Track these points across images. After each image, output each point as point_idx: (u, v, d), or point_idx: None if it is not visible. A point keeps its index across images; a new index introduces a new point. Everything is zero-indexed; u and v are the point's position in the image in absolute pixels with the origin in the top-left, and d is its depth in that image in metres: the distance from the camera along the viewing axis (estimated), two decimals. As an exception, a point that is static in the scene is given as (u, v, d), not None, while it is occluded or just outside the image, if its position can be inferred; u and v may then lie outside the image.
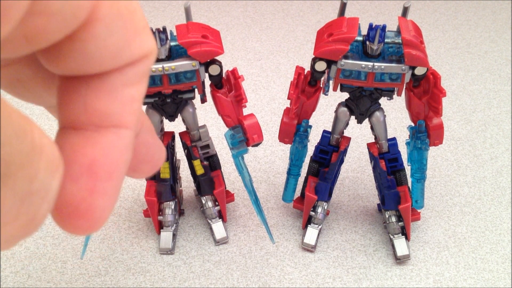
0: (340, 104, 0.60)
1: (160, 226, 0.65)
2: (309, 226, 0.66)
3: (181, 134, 0.62)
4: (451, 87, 0.93)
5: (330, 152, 0.63)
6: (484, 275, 0.63)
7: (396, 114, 0.85)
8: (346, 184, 0.75)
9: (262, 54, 1.00)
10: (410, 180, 0.63)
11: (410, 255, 0.64)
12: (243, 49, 1.02)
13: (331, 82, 0.56)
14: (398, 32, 0.53)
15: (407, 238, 0.64)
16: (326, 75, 0.56)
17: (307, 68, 0.57)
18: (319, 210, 0.65)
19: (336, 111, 0.60)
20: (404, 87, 0.56)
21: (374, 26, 0.51)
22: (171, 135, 0.62)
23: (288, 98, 0.58)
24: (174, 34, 0.53)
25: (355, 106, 0.58)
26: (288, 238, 0.67)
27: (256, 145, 0.57)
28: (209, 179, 0.64)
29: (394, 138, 0.62)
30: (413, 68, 0.53)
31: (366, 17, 1.11)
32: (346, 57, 0.53)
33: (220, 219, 0.66)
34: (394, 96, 0.57)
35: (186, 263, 0.64)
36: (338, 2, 0.54)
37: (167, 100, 0.56)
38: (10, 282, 0.61)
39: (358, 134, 0.80)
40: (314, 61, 0.54)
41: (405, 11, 0.54)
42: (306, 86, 0.59)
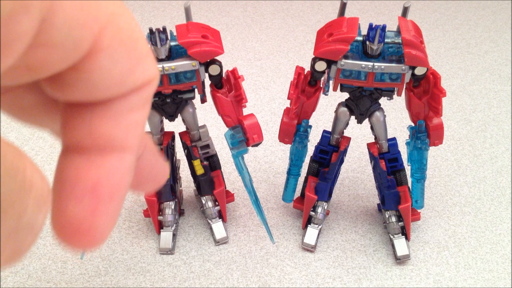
0: (340, 104, 0.60)
1: (160, 226, 0.65)
2: (309, 226, 0.66)
3: (181, 134, 0.62)
4: (451, 87, 0.93)
5: (330, 152, 0.63)
6: (484, 275, 0.63)
7: (396, 114, 0.85)
8: (346, 184, 0.75)
9: (262, 54, 1.00)
10: (410, 180, 0.63)
11: (410, 255, 0.64)
12: (243, 49, 1.02)
13: (331, 82, 0.56)
14: (398, 32, 0.53)
15: (407, 238, 0.64)
16: (326, 75, 0.56)
17: (307, 68, 0.57)
18: (319, 210, 0.65)
19: (336, 111, 0.60)
20: (404, 87, 0.55)
21: (374, 26, 0.51)
22: (171, 135, 0.62)
23: (288, 98, 0.58)
24: (174, 34, 0.53)
25: (355, 106, 0.58)
26: (288, 238, 0.67)
27: (256, 145, 0.57)
28: (209, 179, 0.64)
29: (394, 138, 0.62)
30: (413, 68, 0.53)
31: (366, 17, 1.11)
32: (346, 57, 0.53)
33: (220, 219, 0.66)
34: (394, 96, 0.57)
35: (186, 263, 0.64)
36: (338, 2, 0.54)
37: (167, 100, 0.56)
38: (10, 282, 0.61)
39: (358, 134, 0.79)
40: (314, 61, 0.54)
41: (405, 11, 0.54)
42: (306, 86, 0.59)
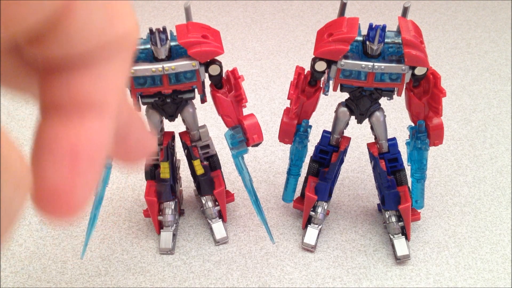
0: (340, 104, 0.60)
1: (160, 226, 0.65)
2: (309, 226, 0.66)
3: (181, 134, 0.62)
4: (451, 87, 0.93)
5: (330, 152, 0.63)
6: (484, 275, 0.63)
7: (396, 114, 0.85)
8: (346, 184, 0.75)
9: (262, 54, 1.00)
10: (410, 180, 0.63)
11: (410, 255, 0.64)
12: (243, 49, 1.02)
13: (331, 82, 0.56)
14: (398, 32, 0.53)
15: (407, 238, 0.64)
16: (326, 75, 0.56)
17: (307, 68, 0.57)
18: (319, 210, 0.65)
19: (336, 111, 0.60)
20: (404, 87, 0.55)
21: (374, 26, 0.51)
22: (171, 135, 0.62)
23: (288, 98, 0.58)
24: (174, 34, 0.53)
25: (355, 106, 0.58)
26: (288, 238, 0.67)
27: (256, 145, 0.57)
28: (209, 179, 0.64)
29: (394, 138, 0.62)
30: (413, 68, 0.53)
31: (366, 17, 1.11)
32: (346, 57, 0.53)
33: (220, 219, 0.66)
34: (394, 96, 0.57)
35: (186, 263, 0.64)
36: (338, 2, 0.54)
37: (167, 100, 0.56)
38: (10, 282, 0.61)
39: (358, 134, 0.79)
40: (314, 61, 0.54)
41: (405, 11, 0.54)
42: (306, 86, 0.59)
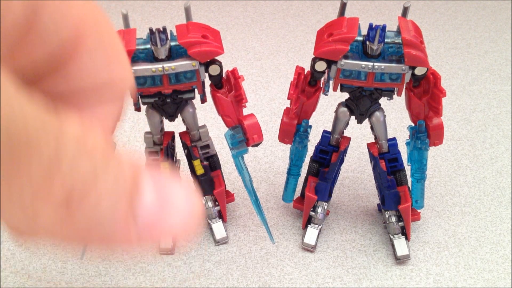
0: (340, 104, 0.60)
1: (160, 226, 0.65)
2: (309, 226, 0.66)
3: (181, 134, 0.62)
4: (451, 87, 0.93)
5: (330, 152, 0.63)
6: (484, 275, 0.63)
7: (396, 114, 0.85)
8: (346, 184, 0.75)
9: (262, 54, 1.00)
10: (410, 180, 0.63)
11: (410, 255, 0.64)
12: (243, 49, 1.02)
13: (331, 82, 0.56)
14: (398, 32, 0.53)
15: (407, 238, 0.64)
16: (326, 75, 0.56)
17: (307, 68, 0.57)
18: (319, 210, 0.65)
19: (336, 111, 0.60)
20: (404, 87, 0.55)
21: (374, 26, 0.51)
22: (171, 135, 0.62)
23: (288, 98, 0.58)
24: (174, 34, 0.53)
25: (355, 106, 0.58)
26: (288, 238, 0.67)
27: (256, 145, 0.57)
28: (209, 179, 0.64)
29: (394, 138, 0.62)
30: (413, 68, 0.53)
31: (366, 17, 1.11)
32: (346, 57, 0.53)
33: (220, 219, 0.66)
34: (394, 96, 0.57)
35: (186, 263, 0.64)
36: (338, 2, 0.54)
37: (167, 100, 0.56)
38: (10, 282, 0.61)
39: (358, 134, 0.79)
40: (314, 61, 0.54)
41: (405, 11, 0.54)
42: (306, 86, 0.59)
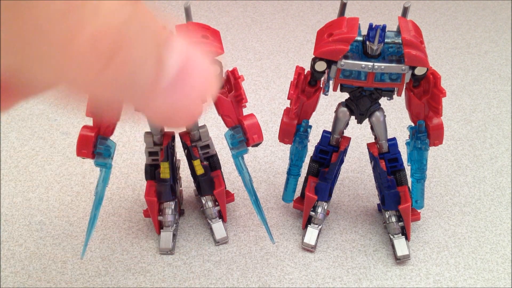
0: (340, 104, 0.60)
1: (160, 226, 0.65)
2: (309, 226, 0.66)
3: (181, 134, 0.62)
4: (451, 87, 0.93)
5: (330, 152, 0.63)
6: (484, 275, 0.63)
7: (396, 114, 0.85)
8: (346, 184, 0.75)
9: (262, 54, 1.00)
10: (410, 180, 0.63)
11: (410, 255, 0.64)
12: (243, 49, 1.02)
13: (331, 82, 0.56)
14: (398, 32, 0.53)
15: (407, 238, 0.64)
16: (326, 75, 0.56)
17: (307, 68, 0.57)
18: (319, 210, 0.65)
19: (336, 111, 0.60)
20: (404, 87, 0.55)
21: (374, 26, 0.51)
22: (171, 135, 0.62)
23: (288, 98, 0.58)
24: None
25: (355, 106, 0.58)
26: (288, 238, 0.67)
27: (256, 145, 0.57)
28: (209, 179, 0.64)
29: (394, 138, 0.62)
30: (413, 68, 0.53)
31: (366, 17, 1.11)
32: (346, 57, 0.53)
33: (220, 219, 0.66)
34: (394, 96, 0.57)
35: (186, 263, 0.64)
36: (338, 2, 0.54)
37: (167, 100, 0.56)
38: (10, 282, 0.61)
39: (358, 134, 0.79)
40: (314, 61, 0.54)
41: (405, 11, 0.54)
42: (306, 86, 0.59)
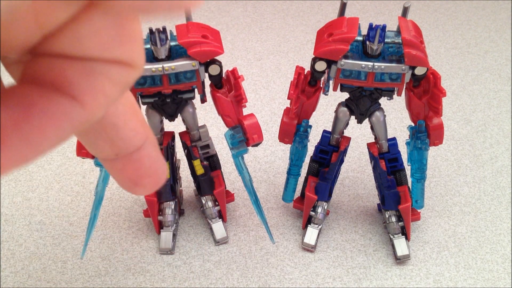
0: (340, 104, 0.60)
1: (160, 226, 0.65)
2: (309, 226, 0.66)
3: (181, 134, 0.62)
4: (451, 87, 0.93)
5: (330, 152, 0.63)
6: (484, 275, 0.63)
7: (396, 114, 0.85)
8: (346, 184, 0.75)
9: (262, 54, 1.00)
10: (410, 180, 0.63)
11: (410, 255, 0.64)
12: (243, 49, 1.02)
13: (331, 82, 0.56)
14: (398, 32, 0.53)
15: (407, 238, 0.64)
16: (326, 75, 0.56)
17: (307, 68, 0.57)
18: (319, 210, 0.65)
19: (336, 111, 0.60)
20: (404, 87, 0.55)
21: (374, 26, 0.51)
22: (171, 135, 0.62)
23: (288, 98, 0.58)
24: (174, 34, 0.53)
25: (355, 106, 0.58)
26: (288, 238, 0.67)
27: (256, 145, 0.57)
28: (209, 179, 0.64)
29: (394, 138, 0.62)
30: (413, 68, 0.53)
31: (366, 17, 1.11)
32: (346, 57, 0.53)
33: (220, 219, 0.66)
34: (394, 96, 0.57)
35: (186, 263, 0.64)
36: (338, 2, 0.54)
37: (167, 100, 0.56)
38: (10, 282, 0.61)
39: (358, 134, 0.79)
40: (314, 61, 0.54)
41: (405, 11, 0.54)
42: (306, 86, 0.59)
